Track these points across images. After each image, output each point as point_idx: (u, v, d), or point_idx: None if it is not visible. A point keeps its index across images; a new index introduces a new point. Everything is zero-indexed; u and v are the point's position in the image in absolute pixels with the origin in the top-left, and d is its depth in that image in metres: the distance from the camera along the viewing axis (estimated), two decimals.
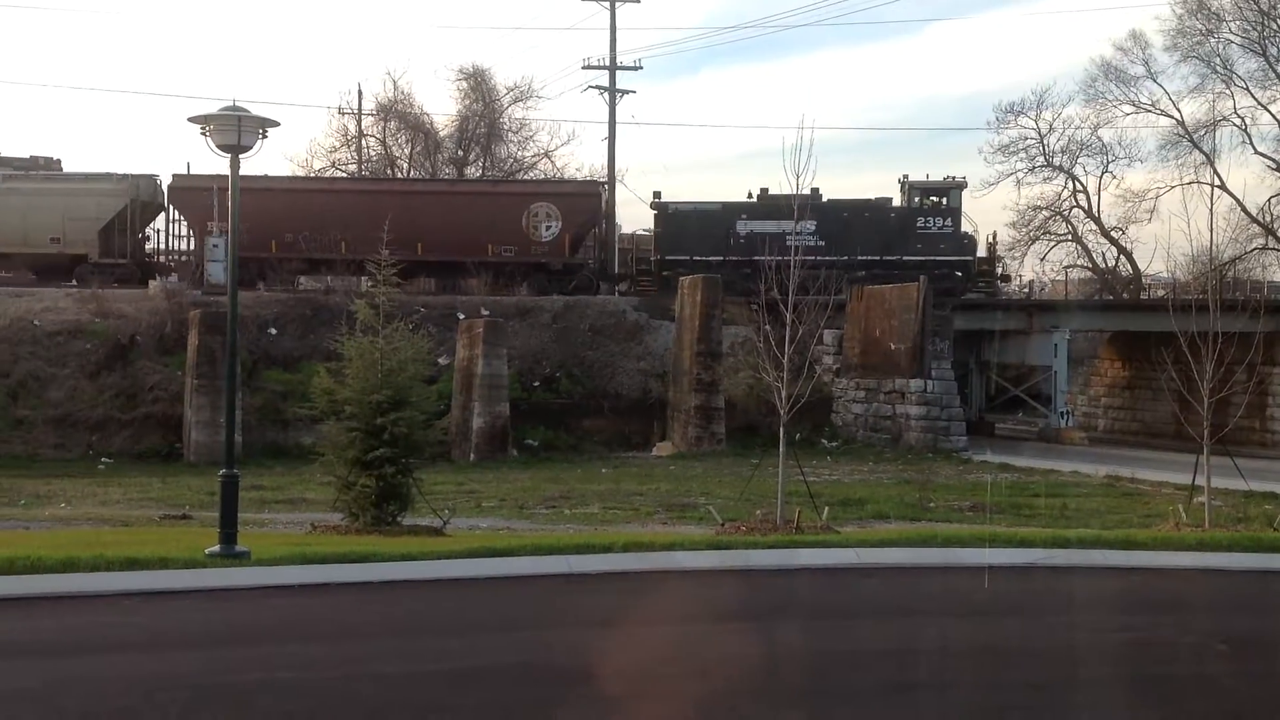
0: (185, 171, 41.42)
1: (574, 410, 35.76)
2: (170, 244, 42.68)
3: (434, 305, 36.59)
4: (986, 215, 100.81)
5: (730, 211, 42.21)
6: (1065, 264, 56.18)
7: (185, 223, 41.75)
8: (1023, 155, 55.31)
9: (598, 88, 48.95)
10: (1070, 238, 56.46)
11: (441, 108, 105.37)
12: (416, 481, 18.31)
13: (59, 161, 44.55)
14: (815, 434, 35.61)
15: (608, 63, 48.73)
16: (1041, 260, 56.41)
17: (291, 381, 33.01)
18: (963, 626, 11.98)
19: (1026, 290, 51.06)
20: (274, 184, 40.59)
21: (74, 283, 38.71)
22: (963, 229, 42.51)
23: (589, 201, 41.82)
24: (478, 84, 55.04)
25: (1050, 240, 56.50)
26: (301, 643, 10.82)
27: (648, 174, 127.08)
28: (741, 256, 39.44)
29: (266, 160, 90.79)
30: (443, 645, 10.91)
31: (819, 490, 22.02)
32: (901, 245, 41.25)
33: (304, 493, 24.11)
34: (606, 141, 49.11)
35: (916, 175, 43.22)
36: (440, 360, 32.54)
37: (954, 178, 43.35)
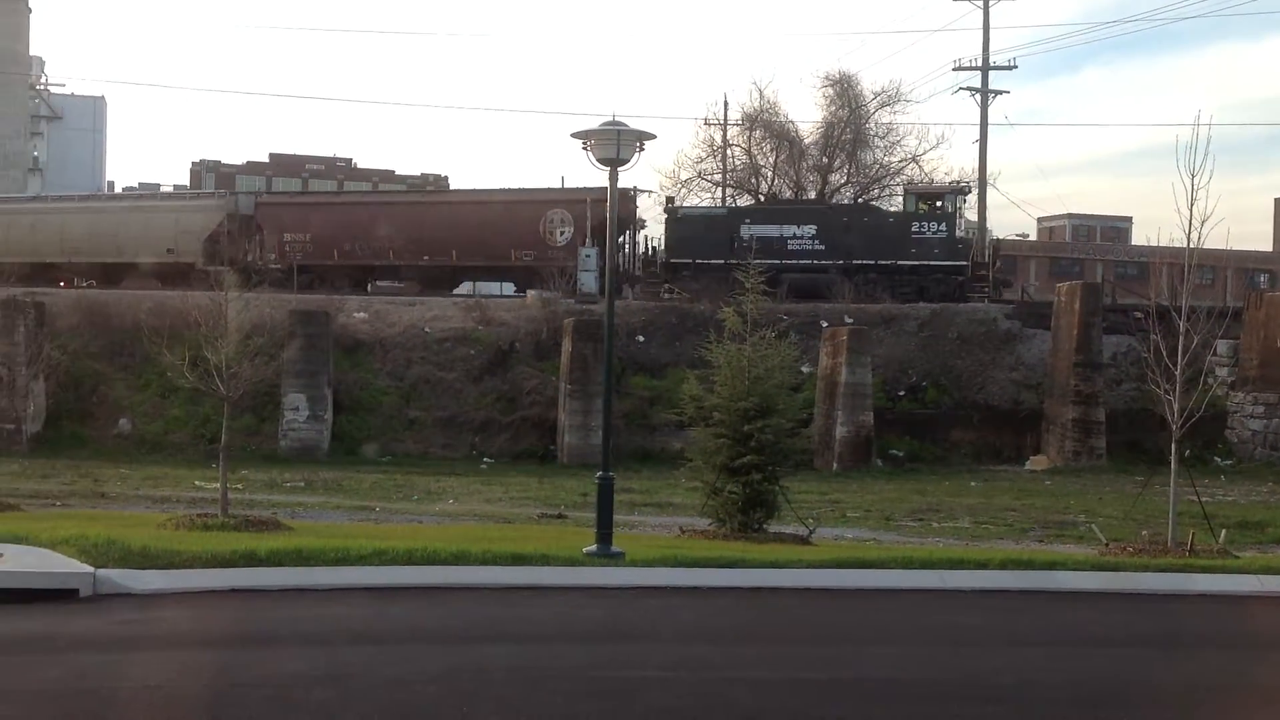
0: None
1: (940, 420, 34.83)
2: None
3: (797, 313, 36.57)
4: None
5: (735, 216, 42.60)
6: None
7: (267, 234, 45.07)
8: None
9: (968, 89, 47.68)
10: None
11: (807, 115, 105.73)
12: (782, 489, 18.26)
13: (447, 179, 47.86)
14: (1206, 451, 33.12)
15: (979, 63, 47.33)
16: None
17: (658, 387, 33.81)
18: None
19: None
20: (335, 199, 43.74)
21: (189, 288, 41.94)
22: (958, 234, 41.33)
23: (599, 207, 41.27)
24: (844, 90, 54.66)
25: None
26: (675, 643, 10.95)
27: (1020, 178, 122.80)
28: (742, 260, 38.65)
29: (637, 173, 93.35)
30: (813, 654, 10.77)
31: (1213, 511, 20.42)
32: (898, 250, 39.86)
33: (671, 497, 24.56)
34: (977, 144, 47.74)
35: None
36: (803, 369, 32.46)
37: (957, 182, 42.72)
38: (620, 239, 43.19)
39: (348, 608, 11.99)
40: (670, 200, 44.17)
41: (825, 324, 35.45)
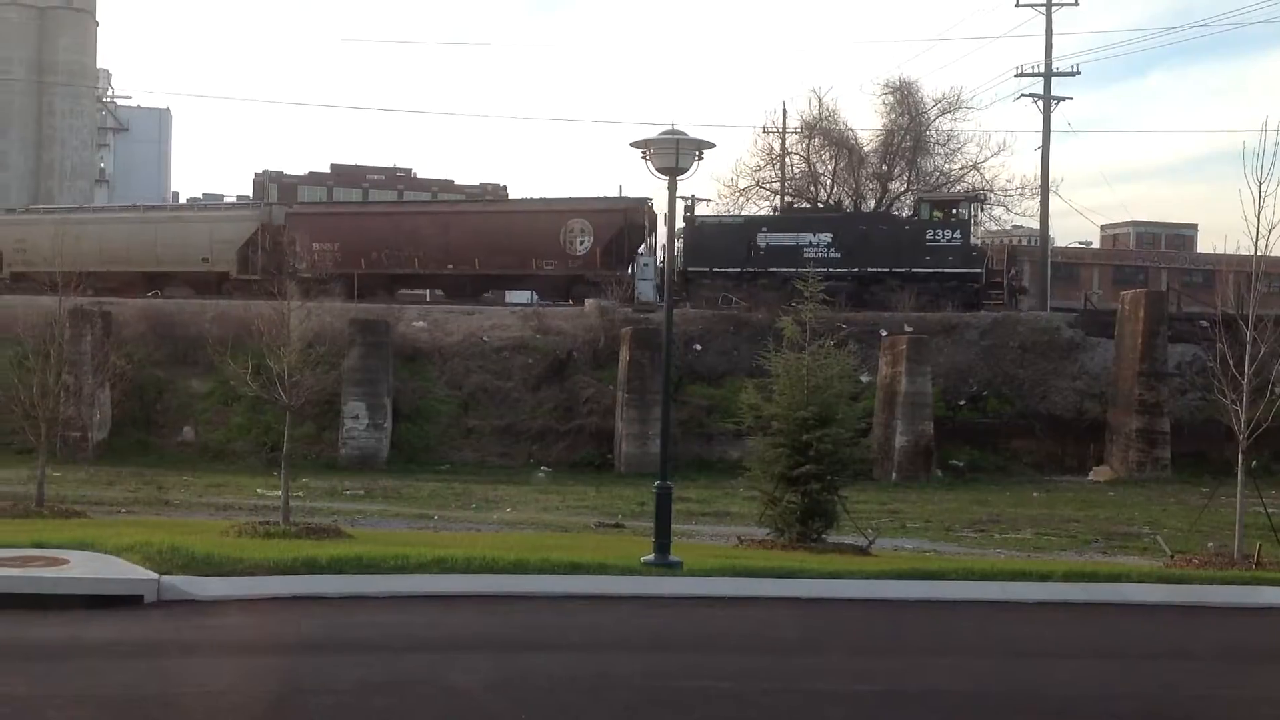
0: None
1: (1002, 430, 34.47)
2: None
3: (855, 322, 36.35)
4: None
5: (752, 224, 42.81)
6: None
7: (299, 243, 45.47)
8: None
9: (1030, 95, 47.09)
10: None
11: (866, 123, 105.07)
12: (841, 499, 18.15)
13: (505, 189, 48.20)
14: (1274, 462, 32.49)
15: (1042, 69, 46.81)
16: None
17: (715, 396, 33.74)
18: None
19: None
20: (361, 209, 44.34)
21: (223, 296, 42.35)
22: (973, 241, 41.13)
23: (616, 216, 42.68)
24: (904, 97, 54.26)
25: None
26: (734, 653, 10.90)
27: (1083, 185, 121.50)
28: (760, 268, 40.21)
29: (696, 182, 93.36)
30: (873, 665, 10.68)
31: None
32: (913, 258, 39.56)
33: (729, 506, 24.50)
34: (1039, 151, 47.18)
35: None
36: (862, 378, 32.25)
37: (972, 190, 42.73)
38: (640, 248, 44.05)
39: (407, 615, 12.05)
40: (689, 209, 44.56)
41: (884, 333, 35.23)
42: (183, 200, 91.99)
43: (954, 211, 41.20)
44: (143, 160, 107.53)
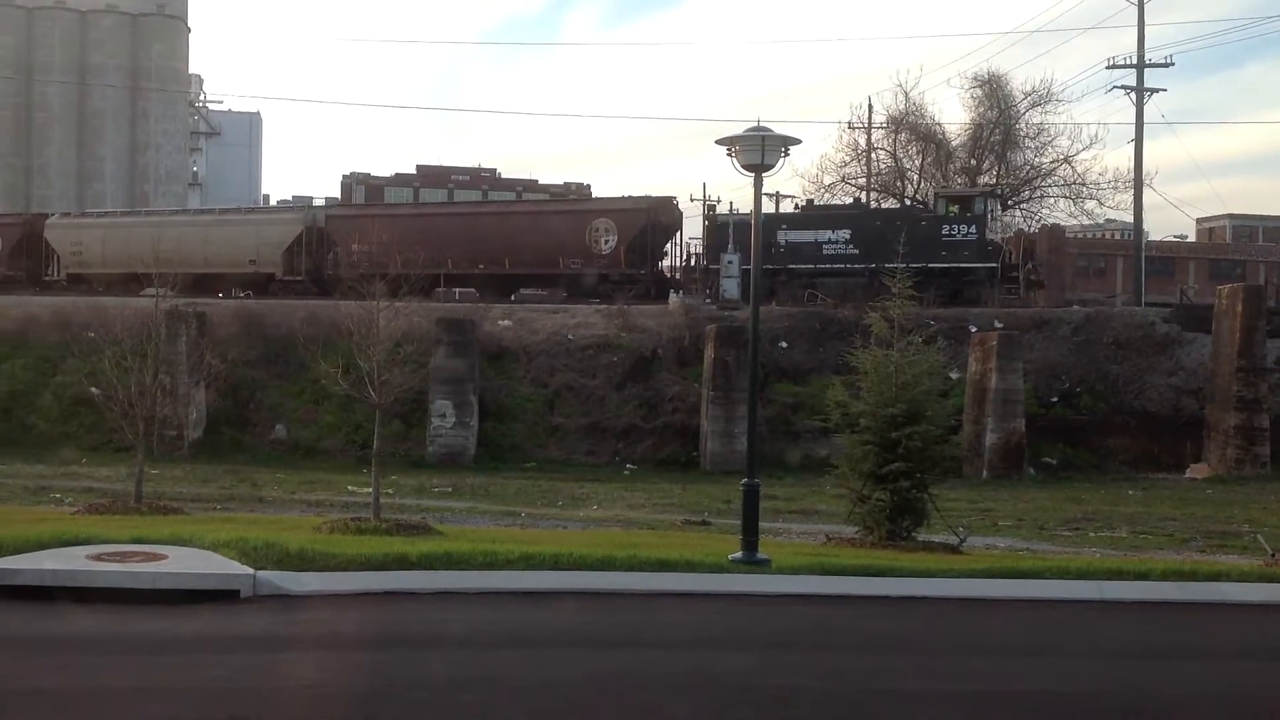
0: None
1: (1095, 427, 33.82)
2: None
3: (944, 318, 35.91)
4: None
5: (773, 221, 42.37)
6: None
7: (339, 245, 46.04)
8: None
9: (1123, 87, 46.25)
10: None
11: (954, 117, 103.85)
12: (931, 497, 17.91)
13: (589, 187, 48.44)
14: None
15: (1134, 60, 45.91)
16: None
17: (801, 394, 33.53)
18: None
19: None
20: (395, 210, 44.94)
21: (268, 295, 43.43)
22: (989, 236, 40.62)
23: (640, 215, 42.96)
24: (992, 90, 53.52)
25: None
26: (824, 652, 10.81)
27: (1178, 178, 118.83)
28: (779, 265, 40.36)
29: (780, 179, 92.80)
30: (965, 665, 10.54)
31: None
32: (929, 253, 38.81)
33: (815, 504, 24.31)
34: (1132, 144, 46.30)
35: None
36: (951, 374, 31.84)
37: (987, 185, 42.64)
38: (666, 245, 44.42)
39: (496, 611, 12.12)
40: (711, 207, 44.82)
41: (974, 329, 34.78)
42: (274, 203, 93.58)
43: (970, 206, 41.18)
44: (234, 163, 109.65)
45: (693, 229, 45.97)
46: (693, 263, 44.52)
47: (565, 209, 45.51)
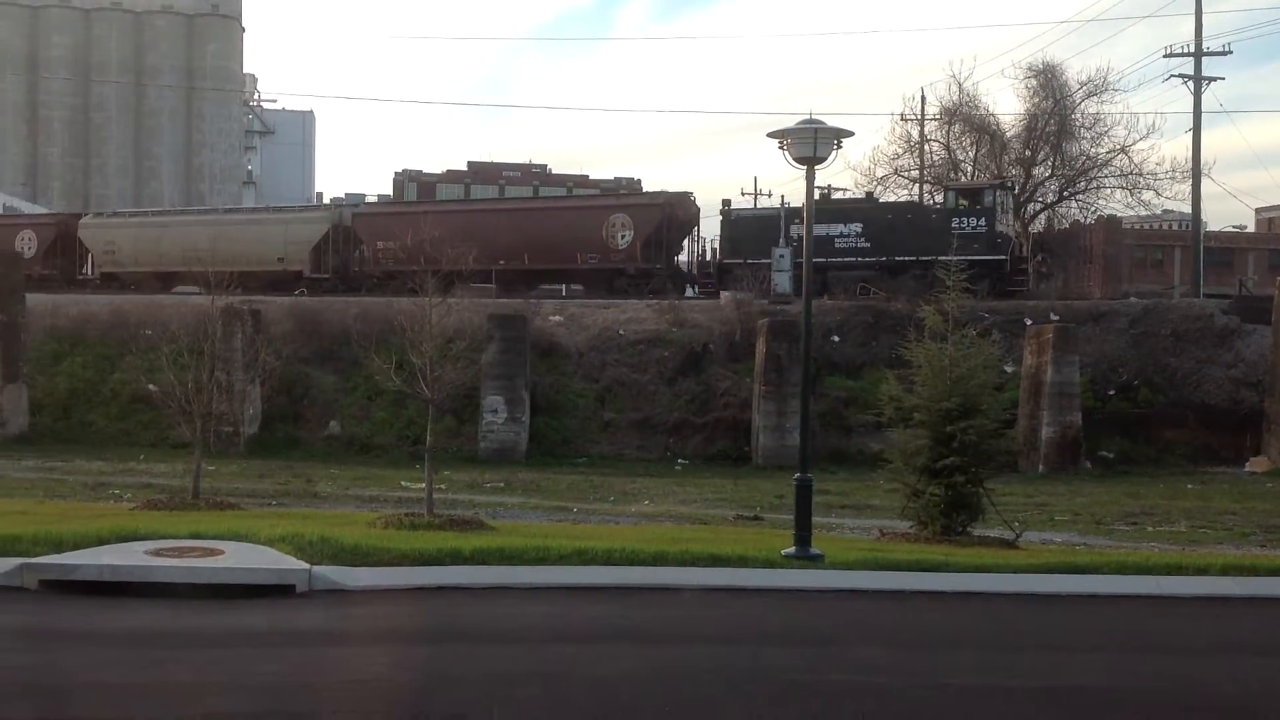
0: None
1: (1153, 420, 33.37)
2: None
3: (999, 310, 35.60)
4: None
5: (785, 216, 42.23)
6: None
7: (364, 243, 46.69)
8: None
9: (1180, 76, 45.53)
10: None
11: (1008, 107, 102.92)
12: (986, 492, 17.74)
13: (639, 182, 48.60)
14: None
15: (1192, 49, 45.20)
16: None
17: (854, 388, 33.34)
18: None
19: None
20: (417, 208, 46.32)
21: (296, 294, 43.54)
22: (998, 228, 40.30)
23: (655, 211, 43.02)
24: (1047, 80, 52.84)
25: None
26: (879, 647, 10.74)
27: (1237, 168, 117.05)
28: (794, 259, 39.91)
29: (831, 172, 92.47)
30: (1022, 661, 10.44)
31: None
32: (939, 246, 37.99)
33: (869, 499, 24.16)
34: (1190, 133, 45.60)
35: None
36: (1006, 368, 31.55)
37: (998, 177, 42.40)
38: (683, 241, 44.51)
39: (549, 606, 12.14)
40: (727, 202, 44.88)
41: (1029, 321, 34.42)
42: (327, 200, 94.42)
43: (979, 199, 41.06)
44: (287, 162, 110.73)
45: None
46: (709, 257, 44.69)
47: (581, 205, 45.91)
